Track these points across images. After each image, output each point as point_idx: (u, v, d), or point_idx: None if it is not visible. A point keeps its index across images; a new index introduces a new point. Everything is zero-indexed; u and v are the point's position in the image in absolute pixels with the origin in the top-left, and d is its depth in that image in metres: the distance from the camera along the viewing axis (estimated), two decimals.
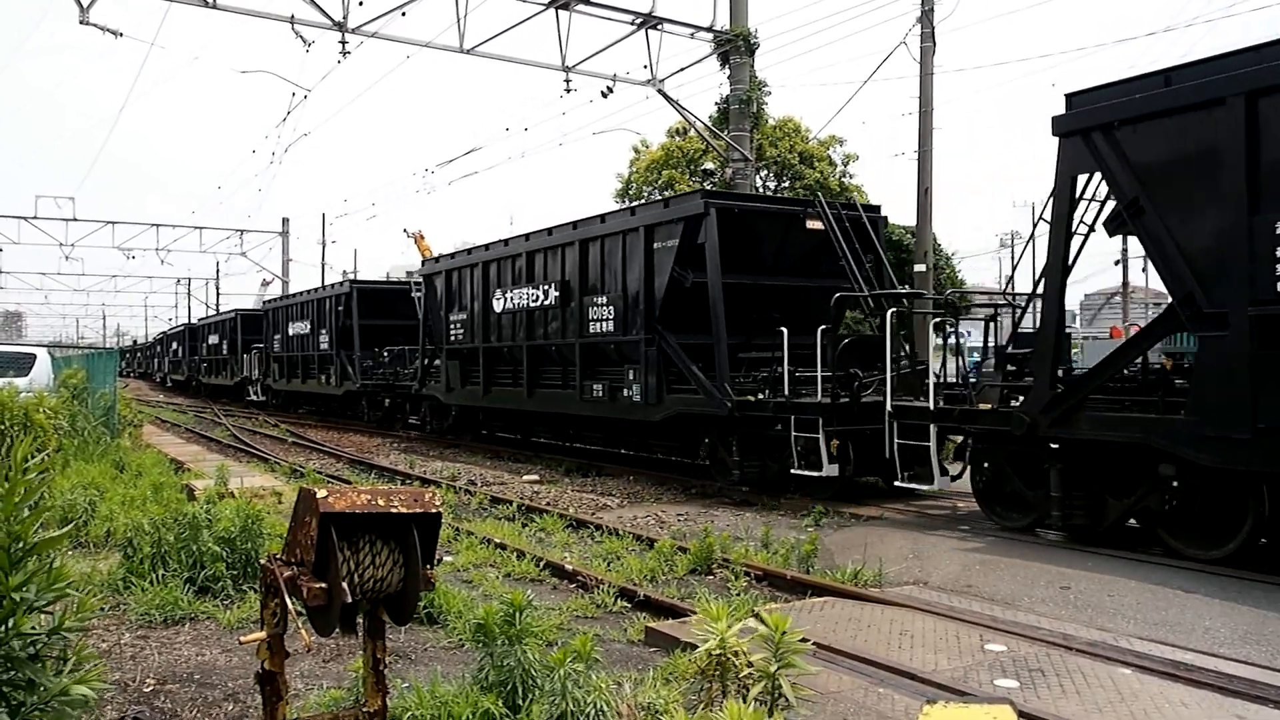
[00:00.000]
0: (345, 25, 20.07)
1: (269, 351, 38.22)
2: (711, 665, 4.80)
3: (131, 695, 5.79)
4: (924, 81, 21.58)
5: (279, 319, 36.95)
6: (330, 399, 32.80)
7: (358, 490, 3.74)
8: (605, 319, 16.93)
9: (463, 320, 22.33)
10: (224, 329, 46.98)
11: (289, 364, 35.77)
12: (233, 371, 44.45)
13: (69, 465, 13.42)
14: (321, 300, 32.44)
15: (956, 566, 9.50)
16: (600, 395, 17.08)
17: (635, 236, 16.20)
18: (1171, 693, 5.82)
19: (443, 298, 23.35)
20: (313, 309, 33.11)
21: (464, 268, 22.55)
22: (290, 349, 35.51)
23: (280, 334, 36.52)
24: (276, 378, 37.29)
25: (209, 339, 50.43)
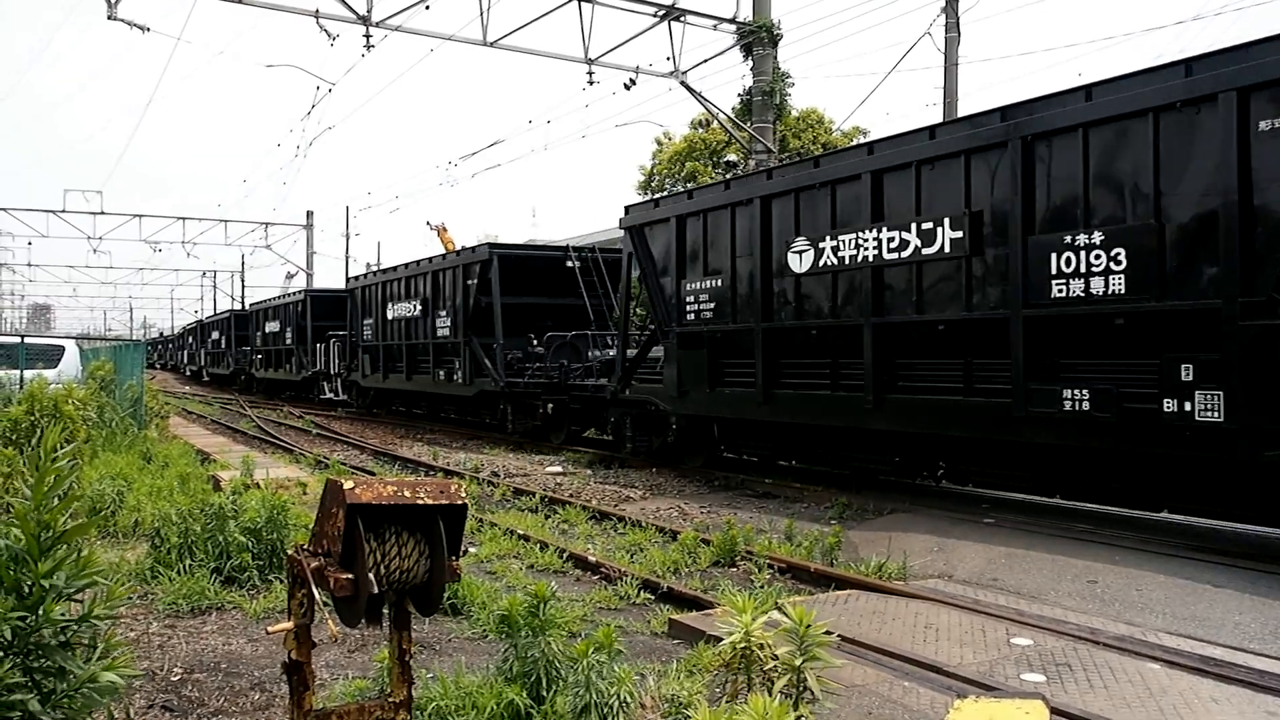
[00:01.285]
0: (369, 19, 20.11)
1: (357, 340, 30.68)
2: (736, 658, 4.79)
3: (159, 684, 5.83)
4: (948, 72, 21.44)
5: (371, 299, 29.67)
6: (453, 401, 26.38)
7: (384, 481, 3.75)
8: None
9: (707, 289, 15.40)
10: (288, 314, 39.58)
11: (387, 355, 28.52)
12: (300, 363, 37.61)
13: (97, 456, 13.53)
14: (440, 273, 25.20)
15: (982, 560, 9.45)
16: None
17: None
18: (1201, 688, 5.77)
19: (672, 253, 15.90)
20: (425, 285, 25.95)
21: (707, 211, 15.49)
22: (389, 336, 28.24)
23: (373, 317, 29.28)
24: (368, 372, 30.00)
25: (266, 325, 42.94)
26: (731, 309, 14.66)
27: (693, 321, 15.36)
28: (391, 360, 28.26)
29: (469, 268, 23.64)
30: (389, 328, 28.23)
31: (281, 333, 40.40)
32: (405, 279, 27.32)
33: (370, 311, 29.71)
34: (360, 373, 30.66)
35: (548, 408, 21.15)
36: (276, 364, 41.79)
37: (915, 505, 12.19)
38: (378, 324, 28.94)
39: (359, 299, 30.79)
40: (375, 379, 29.58)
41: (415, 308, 26.37)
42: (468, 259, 23.83)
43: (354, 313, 31.10)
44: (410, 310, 26.73)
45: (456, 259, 24.51)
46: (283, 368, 40.48)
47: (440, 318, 24.86)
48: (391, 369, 28.33)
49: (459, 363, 23.84)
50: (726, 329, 14.77)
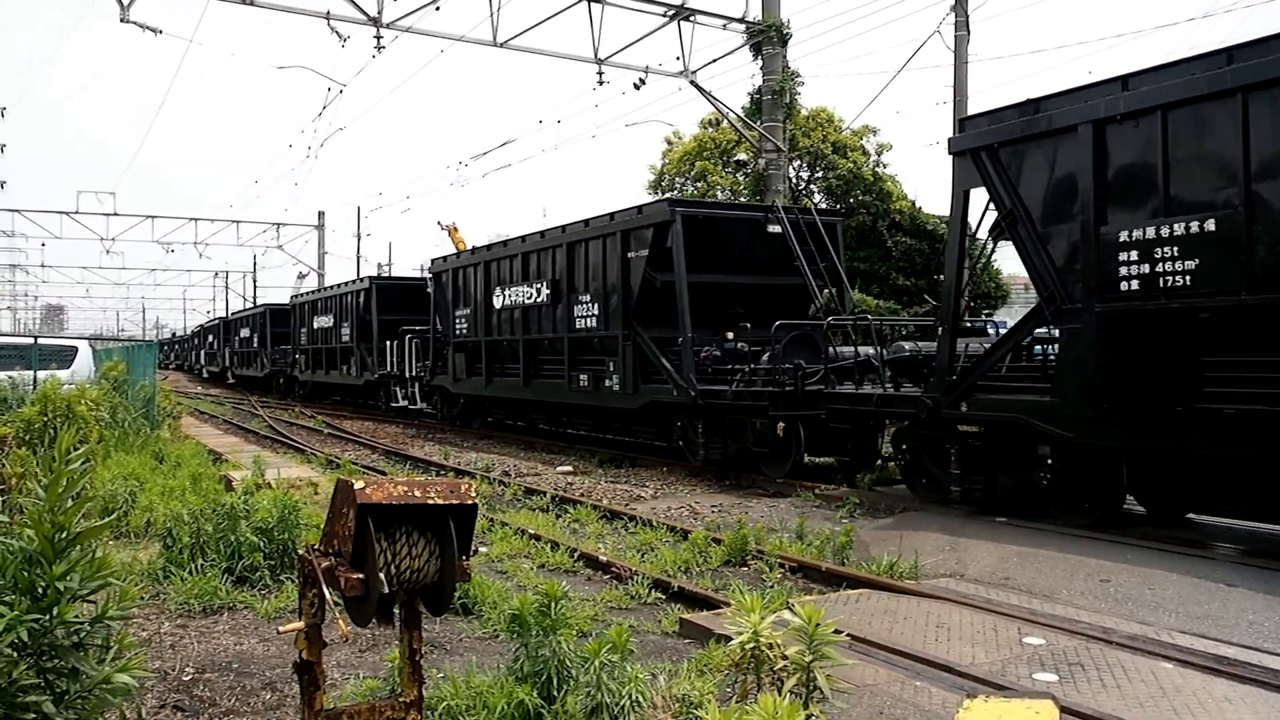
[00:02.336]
0: (380, 20, 20.16)
1: (445, 336, 25.04)
2: (746, 658, 4.78)
3: (171, 684, 5.85)
4: (958, 70, 21.39)
5: (467, 285, 24.03)
6: (599, 414, 20.39)
7: (395, 482, 3.76)
8: None
9: None
10: (345, 307, 33.28)
11: (492, 354, 22.83)
12: (360, 365, 31.41)
13: (110, 456, 13.58)
14: (582, 245, 18.83)
15: (994, 559, 9.42)
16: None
17: None
18: (1215, 688, 5.75)
19: (1087, 181, 10.02)
20: (555, 262, 19.77)
21: None
22: (495, 330, 22.51)
23: (470, 307, 23.73)
24: (461, 375, 24.38)
25: (315, 321, 36.75)
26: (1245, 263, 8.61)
27: (1137, 293, 9.45)
28: (498, 361, 22.68)
29: (634, 234, 17.18)
30: (495, 319, 22.35)
31: (336, 329, 34.09)
32: (522, 255, 21.15)
33: (466, 299, 23.92)
34: (450, 375, 24.78)
35: (777, 428, 14.42)
36: (328, 365, 35.46)
37: (926, 504, 12.15)
38: (477, 315, 23.15)
39: (449, 285, 24.84)
40: (472, 384, 23.85)
41: (538, 292, 20.31)
42: (631, 222, 17.24)
43: (441, 302, 25.28)
44: (530, 296, 20.65)
45: (611, 223, 17.89)
46: (337, 370, 34.27)
47: (582, 304, 18.84)
48: (499, 371, 22.64)
49: (614, 364, 17.61)
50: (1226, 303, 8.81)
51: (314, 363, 37.38)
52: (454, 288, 24.71)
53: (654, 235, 16.60)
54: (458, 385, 24.76)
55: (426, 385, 26.92)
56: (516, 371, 21.50)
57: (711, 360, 16.00)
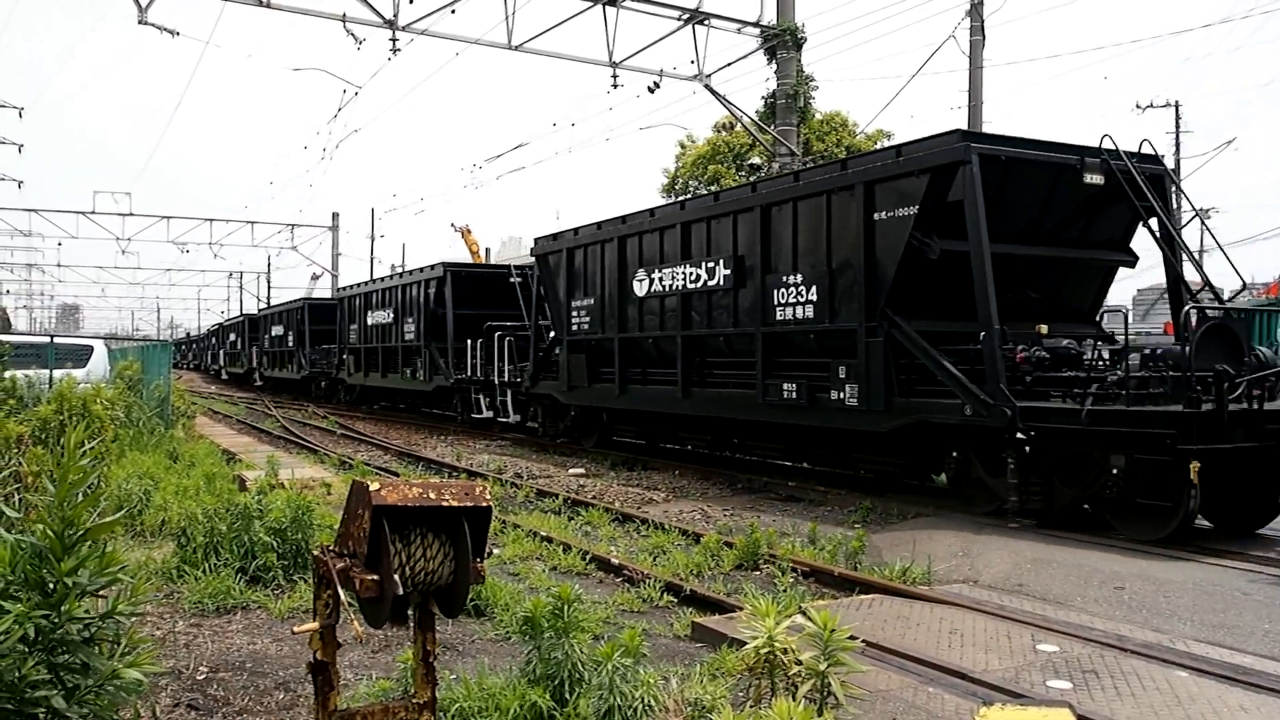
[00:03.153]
0: (396, 23, 20.23)
1: (560, 332, 19.81)
2: (760, 662, 4.77)
3: (185, 682, 5.87)
4: (973, 75, 21.38)
5: (584, 269, 19.19)
6: (821, 437, 14.50)
7: (409, 483, 3.76)
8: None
9: None
10: (407, 300, 28.52)
11: (625, 354, 17.84)
12: (431, 368, 26.65)
13: (125, 455, 13.63)
14: (782, 207, 14.18)
15: (1007, 565, 9.39)
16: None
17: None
18: (1230, 697, 5.71)
19: None
20: (743, 231, 14.88)
21: None
22: (627, 324, 17.64)
23: (590, 296, 18.74)
24: (576, 380, 19.20)
25: (369, 316, 31.77)
26: None
27: None
28: (637, 363, 17.66)
29: (888, 187, 12.30)
30: (633, 311, 17.45)
31: (397, 325, 29.35)
32: (681, 226, 16.14)
33: (586, 287, 19.04)
34: (560, 381, 19.90)
35: (1190, 468, 9.30)
36: (385, 367, 30.63)
37: (939, 509, 12.12)
38: (605, 306, 18.21)
39: (560, 269, 19.92)
40: (595, 392, 18.91)
41: (709, 274, 15.46)
42: (882, 170, 12.36)
43: (549, 291, 20.40)
44: (693, 279, 15.80)
45: (840, 175, 13.13)
46: (397, 373, 29.52)
47: (787, 288, 13.79)
48: (638, 378, 17.62)
49: (847, 369, 12.68)
50: None
51: (367, 364, 32.35)
52: (567, 273, 19.60)
53: (930, 185, 11.64)
54: (572, 394, 19.56)
55: (525, 393, 21.79)
56: (668, 378, 16.53)
57: (1033, 364, 11.13)
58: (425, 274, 27.56)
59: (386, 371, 30.50)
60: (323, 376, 38.53)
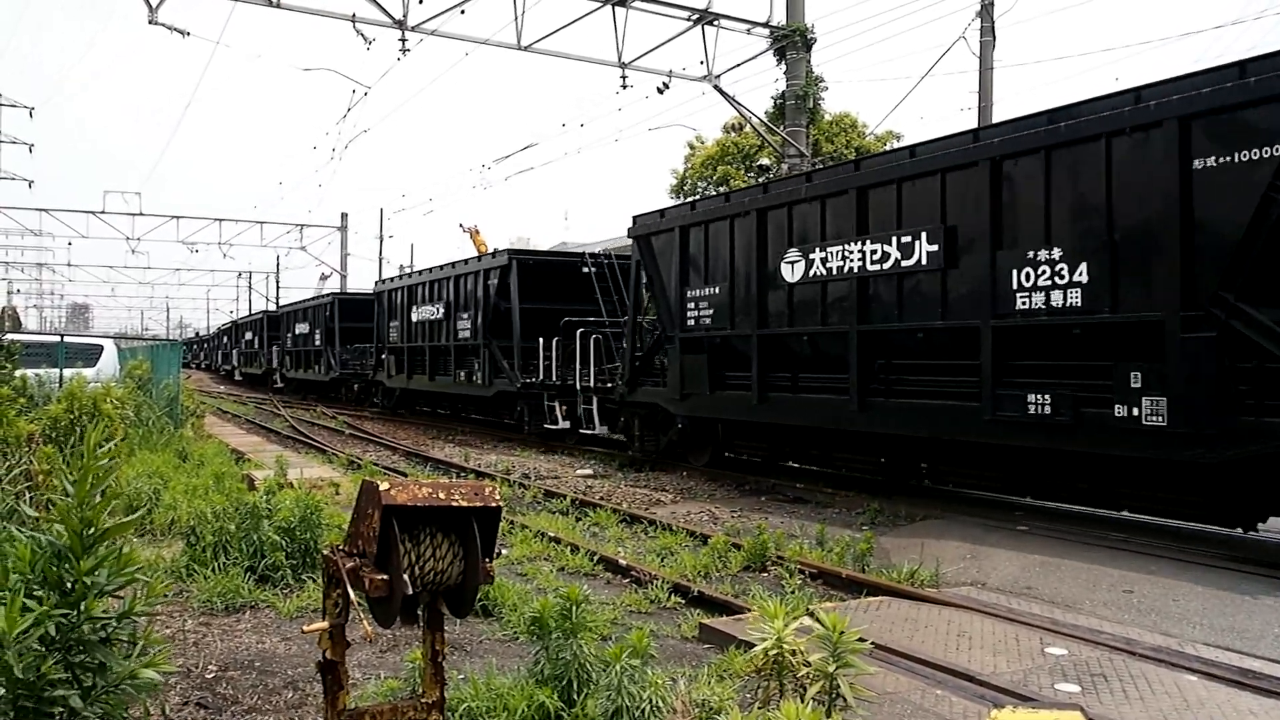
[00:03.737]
0: (405, 23, 20.24)
1: (668, 330, 16.76)
2: (768, 664, 4.78)
3: (194, 681, 5.89)
4: (983, 76, 21.34)
5: (708, 251, 15.96)
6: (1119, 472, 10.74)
7: (419, 483, 3.77)
8: None
9: None
10: (460, 292, 25.75)
11: (770, 353, 14.67)
12: (491, 369, 23.75)
13: (134, 454, 13.67)
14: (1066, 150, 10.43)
15: (1015, 567, 9.38)
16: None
17: None
18: (1240, 701, 5.70)
19: None
20: (972, 183, 11.36)
21: None
22: (769, 317, 14.60)
23: (719, 283, 15.60)
24: (693, 387, 16.07)
25: (413, 312, 28.89)
26: None
27: None
28: (784, 364, 14.43)
29: None
30: (786, 299, 14.15)
31: (448, 322, 26.31)
32: (898, 183, 12.37)
33: (709, 272, 15.82)
34: (671, 388, 16.71)
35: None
36: (432, 369, 27.50)
37: (947, 512, 12.11)
38: (739, 293, 15.07)
39: (667, 253, 16.81)
40: (718, 400, 15.71)
41: (904, 249, 12.11)
42: (1238, 90, 8.97)
43: (656, 278, 17.16)
44: (881, 256, 12.41)
45: None
46: (447, 375, 26.47)
47: (1041, 264, 10.65)
48: (784, 384, 14.40)
49: (1152, 378, 9.59)
50: None
51: (410, 365, 29.25)
52: (680, 257, 16.36)
53: None
54: (685, 403, 16.35)
55: (618, 401, 18.56)
56: (832, 385, 13.35)
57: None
58: (486, 263, 24.61)
59: (435, 373, 27.49)
60: (355, 378, 35.68)
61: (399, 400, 31.88)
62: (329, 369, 37.65)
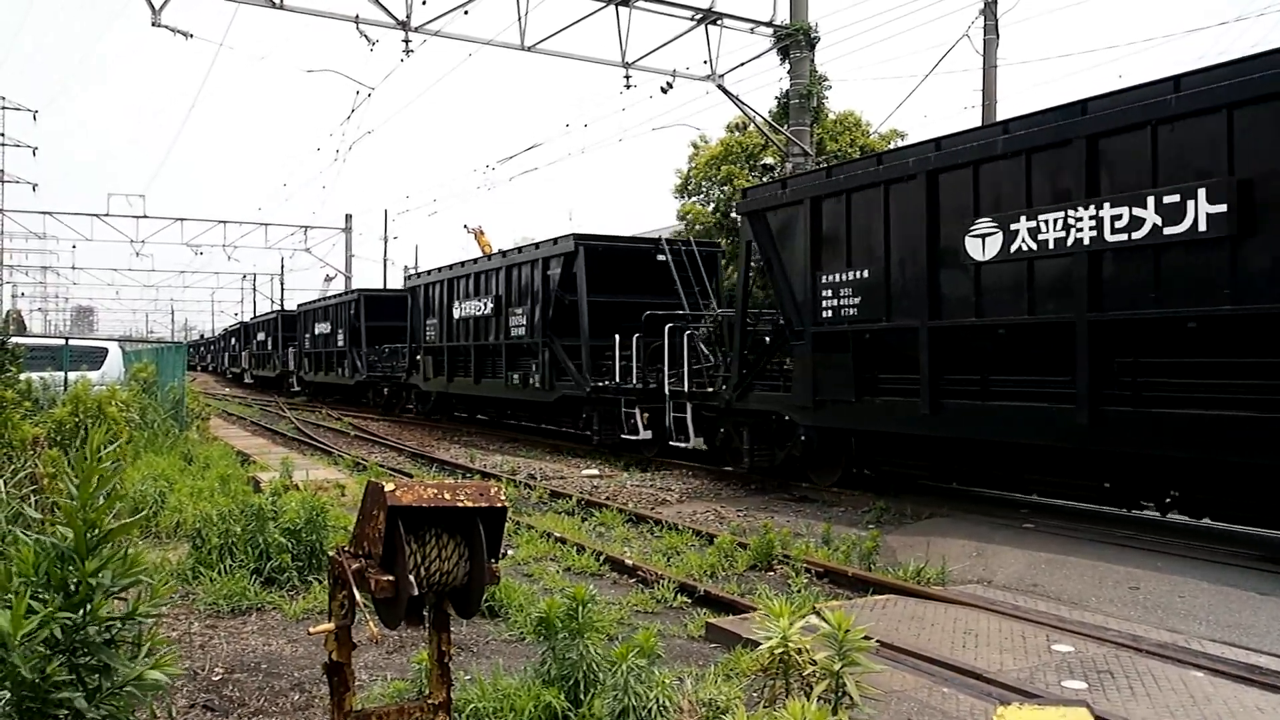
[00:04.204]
0: (409, 24, 20.25)
1: (799, 324, 13.82)
2: (774, 663, 4.77)
3: (201, 683, 5.89)
4: (987, 74, 21.32)
5: (849, 225, 13.11)
6: None
7: (424, 484, 3.77)
8: None
9: None
10: (511, 285, 22.83)
11: (969, 355, 11.50)
12: (550, 372, 20.80)
13: (139, 457, 13.69)
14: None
15: (1021, 565, 9.36)
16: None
17: None
18: (1246, 697, 5.69)
19: None
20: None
21: None
22: (947, 305, 11.64)
23: (863, 267, 12.85)
24: (830, 391, 13.26)
25: (454, 308, 25.75)
26: None
27: None
28: (963, 363, 11.64)
29: None
30: (972, 282, 11.36)
31: (496, 319, 23.43)
32: (1083, 143, 10.16)
33: (854, 252, 13.02)
34: (797, 391, 13.93)
35: None
36: (477, 371, 24.58)
37: (953, 510, 12.09)
38: (897, 276, 12.38)
39: (789, 231, 14.18)
40: (864, 409, 12.85)
41: (1167, 212, 9.42)
42: None
43: (775, 262, 14.39)
44: (1123, 224, 9.78)
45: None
46: (496, 378, 23.60)
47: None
48: (970, 389, 11.54)
49: None
50: None
51: (451, 367, 26.15)
52: (811, 234, 13.60)
53: None
54: (819, 413, 13.51)
55: (723, 407, 15.74)
56: (1045, 389, 10.60)
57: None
58: (545, 250, 21.36)
59: (481, 376, 24.39)
60: (385, 382, 32.50)
61: (435, 405, 28.96)
62: (354, 372, 34.85)
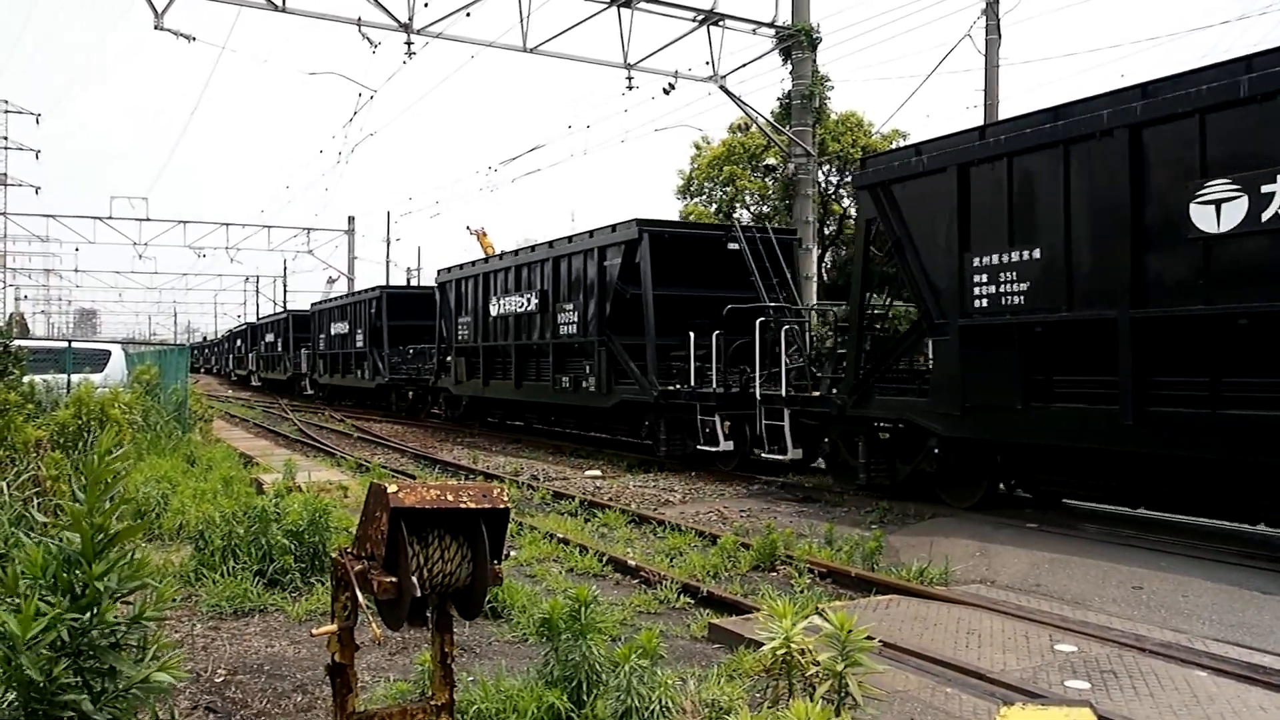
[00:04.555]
0: (411, 26, 20.30)
1: (952, 306, 11.63)
2: (777, 664, 4.77)
3: (203, 685, 5.90)
4: (989, 74, 21.31)
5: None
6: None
7: (427, 486, 3.77)
8: None
9: None
10: (565, 277, 20.60)
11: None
12: (606, 374, 18.66)
13: (143, 459, 13.70)
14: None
15: (1024, 565, 9.36)
16: None
17: None
18: (1249, 696, 5.69)
19: None
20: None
21: None
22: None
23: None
24: (1031, 395, 10.71)
25: (491, 304, 23.84)
26: None
27: None
28: (1167, 359, 9.61)
29: None
30: (1199, 264, 9.20)
31: (541, 315, 21.33)
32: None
33: (1019, 229, 10.96)
34: (939, 394, 11.96)
35: None
36: (518, 373, 22.59)
37: (956, 510, 12.08)
38: (1081, 256, 10.34)
39: (932, 205, 12.07)
40: (1034, 415, 10.77)
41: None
42: None
43: (901, 238, 12.51)
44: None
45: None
46: (539, 381, 21.76)
47: None
48: (1179, 393, 9.43)
49: None
50: None
51: (487, 369, 24.12)
52: (959, 208, 11.55)
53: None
54: (969, 419, 11.37)
55: (836, 413, 13.45)
56: None
57: None
58: (602, 239, 19.05)
59: (522, 379, 22.45)
60: (409, 384, 30.77)
61: (467, 410, 27.07)
62: (375, 374, 32.68)
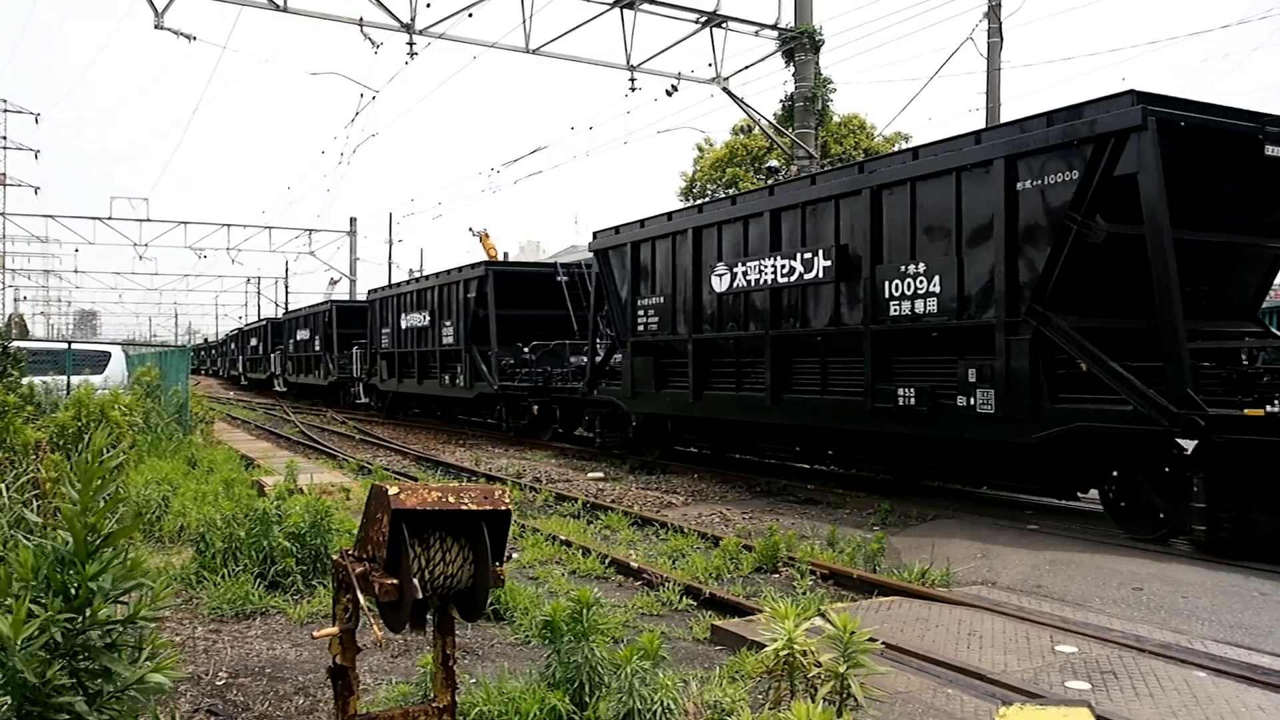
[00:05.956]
0: (413, 27, 20.29)
1: None
2: (779, 665, 4.77)
3: (204, 688, 5.90)
4: (991, 77, 21.32)
5: None
6: None
7: (429, 487, 3.77)
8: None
9: None
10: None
11: None
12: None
13: (143, 461, 13.70)
14: None
15: (1026, 566, 9.35)
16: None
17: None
18: (1248, 697, 5.68)
19: None
20: None
21: None
22: None
23: None
24: None
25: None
26: None
27: None
28: None
29: None
30: None
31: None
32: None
33: None
34: None
35: None
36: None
37: (958, 511, 12.08)
38: None
39: None
40: None
41: None
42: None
43: None
44: None
45: None
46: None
47: None
48: None
49: None
50: None
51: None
52: None
53: None
54: None
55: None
56: None
57: None
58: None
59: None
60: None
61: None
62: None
